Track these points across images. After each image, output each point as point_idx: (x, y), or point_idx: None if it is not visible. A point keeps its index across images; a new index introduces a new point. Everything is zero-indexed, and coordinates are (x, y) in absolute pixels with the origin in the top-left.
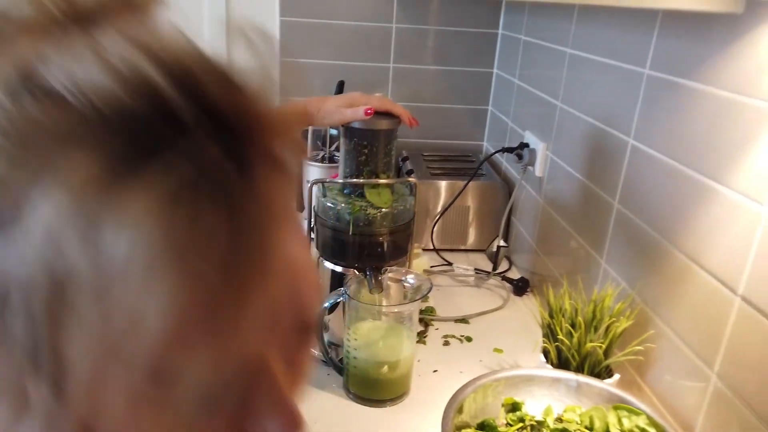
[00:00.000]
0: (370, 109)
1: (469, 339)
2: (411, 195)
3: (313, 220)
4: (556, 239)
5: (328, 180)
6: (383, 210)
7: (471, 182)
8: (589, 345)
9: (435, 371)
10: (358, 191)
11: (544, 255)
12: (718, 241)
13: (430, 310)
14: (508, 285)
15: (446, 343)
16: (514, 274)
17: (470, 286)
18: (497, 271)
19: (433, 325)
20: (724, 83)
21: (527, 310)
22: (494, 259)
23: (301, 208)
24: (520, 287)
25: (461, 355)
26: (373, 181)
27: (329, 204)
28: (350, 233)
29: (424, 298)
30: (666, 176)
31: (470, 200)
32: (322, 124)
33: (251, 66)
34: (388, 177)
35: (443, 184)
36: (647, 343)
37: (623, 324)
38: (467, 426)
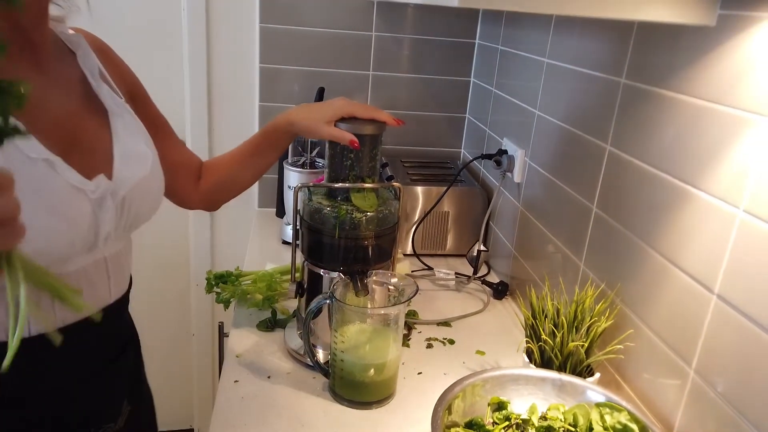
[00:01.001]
0: (355, 142)
1: (451, 342)
2: (395, 199)
3: (298, 223)
4: (535, 243)
5: (313, 184)
6: (369, 214)
7: (450, 189)
8: (571, 344)
9: (419, 373)
10: (343, 195)
11: (523, 259)
12: (695, 242)
13: (412, 314)
14: (488, 289)
15: (429, 346)
16: (494, 279)
17: (451, 290)
18: (477, 275)
19: (416, 328)
20: (698, 92)
21: (507, 314)
22: (474, 263)
23: (281, 213)
24: (500, 291)
25: (445, 358)
26: (359, 185)
27: (315, 207)
28: (336, 236)
29: (411, 299)
30: (642, 181)
31: (449, 206)
32: (307, 136)
33: None
34: (373, 181)
35: (422, 190)
36: (627, 342)
37: (603, 324)
38: (456, 425)
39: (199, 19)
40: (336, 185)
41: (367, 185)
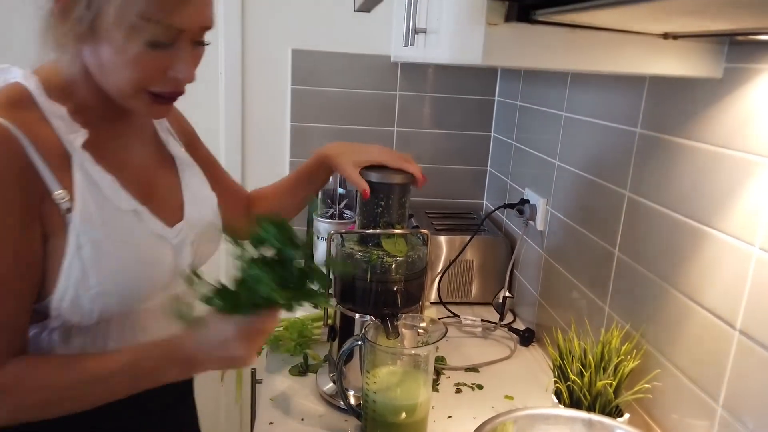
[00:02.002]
0: (367, 193)
1: (480, 387)
2: (423, 245)
3: (332, 269)
4: (560, 289)
5: (346, 231)
6: (398, 258)
7: (474, 238)
8: (599, 384)
9: (449, 417)
10: (374, 241)
11: (548, 305)
12: (715, 280)
13: (440, 359)
14: (514, 336)
15: (458, 391)
16: (520, 326)
17: (478, 337)
18: (503, 322)
19: (444, 373)
20: (709, 138)
21: (534, 360)
22: (500, 309)
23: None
24: (527, 338)
25: (473, 402)
26: (389, 231)
27: (347, 253)
28: (368, 280)
29: (440, 340)
30: (661, 224)
31: (473, 254)
32: (335, 170)
33: None
34: (402, 228)
35: (446, 239)
36: (654, 381)
37: (630, 364)
38: None
39: (236, 81)
40: (367, 231)
41: (396, 231)
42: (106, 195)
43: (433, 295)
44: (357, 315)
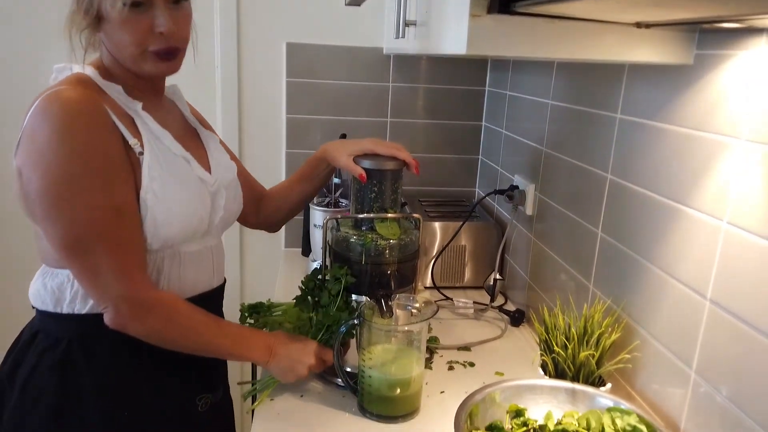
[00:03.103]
0: (363, 176)
1: (471, 364)
2: (416, 229)
3: (328, 252)
4: (548, 271)
5: (342, 216)
6: (392, 241)
7: (466, 223)
8: (582, 355)
9: (442, 392)
10: (368, 225)
11: (537, 287)
12: (688, 254)
13: (433, 339)
14: (505, 317)
15: (451, 368)
16: (511, 308)
17: (470, 318)
18: (495, 304)
19: (437, 352)
20: (682, 121)
21: (524, 339)
22: (491, 291)
23: (307, 252)
24: (517, 318)
25: (465, 378)
26: (383, 215)
27: (343, 237)
28: (363, 262)
29: (432, 318)
30: (640, 203)
31: (466, 240)
32: (332, 164)
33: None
34: (395, 212)
35: (439, 226)
36: (634, 352)
37: (612, 336)
38: (477, 429)
39: (232, 74)
40: (362, 216)
41: (390, 215)
42: (164, 143)
43: (428, 280)
44: (353, 296)
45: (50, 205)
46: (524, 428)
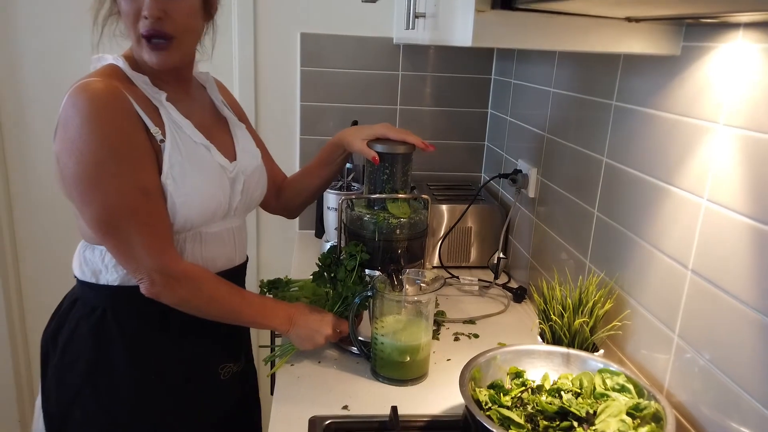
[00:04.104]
0: (376, 158)
1: (476, 336)
2: (424, 209)
3: (343, 230)
4: (549, 250)
5: (356, 196)
6: (402, 220)
7: (471, 206)
8: (577, 322)
9: (448, 360)
10: (380, 205)
11: (539, 265)
12: (672, 228)
13: (441, 313)
14: (508, 293)
15: (456, 339)
16: (513, 285)
17: (475, 295)
18: (498, 281)
19: (444, 325)
20: (669, 108)
21: (526, 314)
22: (495, 269)
23: (320, 234)
24: (519, 295)
25: (470, 348)
26: (394, 195)
27: (357, 216)
28: (375, 239)
29: (439, 290)
30: (632, 183)
31: (471, 222)
32: (347, 149)
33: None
34: (405, 193)
35: (446, 208)
36: (625, 321)
37: (605, 306)
38: (480, 387)
39: (249, 64)
40: (374, 196)
41: (400, 196)
42: (186, 132)
43: (435, 260)
44: (366, 270)
45: (84, 188)
46: (522, 387)
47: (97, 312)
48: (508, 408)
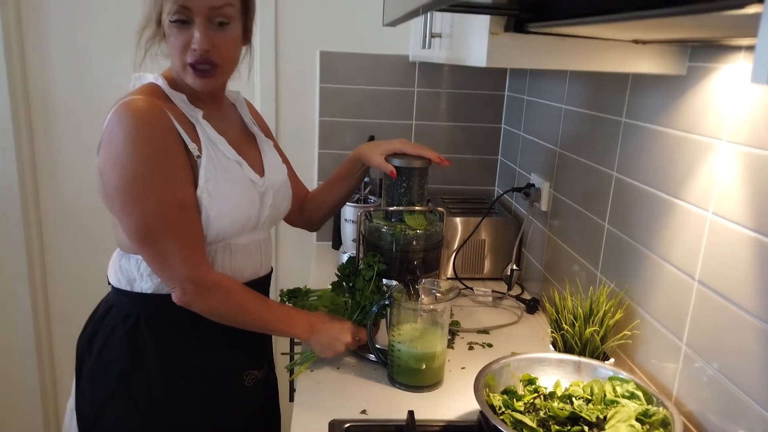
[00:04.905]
0: (393, 172)
1: (489, 345)
2: (440, 221)
3: (361, 241)
4: (561, 262)
5: (374, 209)
6: (419, 231)
7: (485, 219)
8: (588, 331)
9: (463, 368)
10: (397, 217)
11: (552, 277)
12: (680, 241)
13: (455, 323)
14: (521, 305)
15: (471, 348)
16: (526, 297)
17: (488, 306)
18: (512, 293)
19: (459, 334)
20: (675, 125)
21: (538, 325)
22: (508, 281)
23: (338, 245)
24: (532, 306)
25: (484, 357)
26: (410, 208)
27: (375, 227)
28: (393, 250)
29: (454, 299)
30: (641, 197)
31: (485, 234)
32: (366, 163)
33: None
34: (421, 206)
35: (461, 221)
36: (634, 330)
37: (615, 316)
38: (494, 393)
39: (270, 81)
40: (392, 208)
41: (417, 208)
42: (220, 148)
43: (450, 271)
44: (384, 280)
45: (125, 200)
46: (535, 394)
47: (131, 319)
48: (521, 413)
